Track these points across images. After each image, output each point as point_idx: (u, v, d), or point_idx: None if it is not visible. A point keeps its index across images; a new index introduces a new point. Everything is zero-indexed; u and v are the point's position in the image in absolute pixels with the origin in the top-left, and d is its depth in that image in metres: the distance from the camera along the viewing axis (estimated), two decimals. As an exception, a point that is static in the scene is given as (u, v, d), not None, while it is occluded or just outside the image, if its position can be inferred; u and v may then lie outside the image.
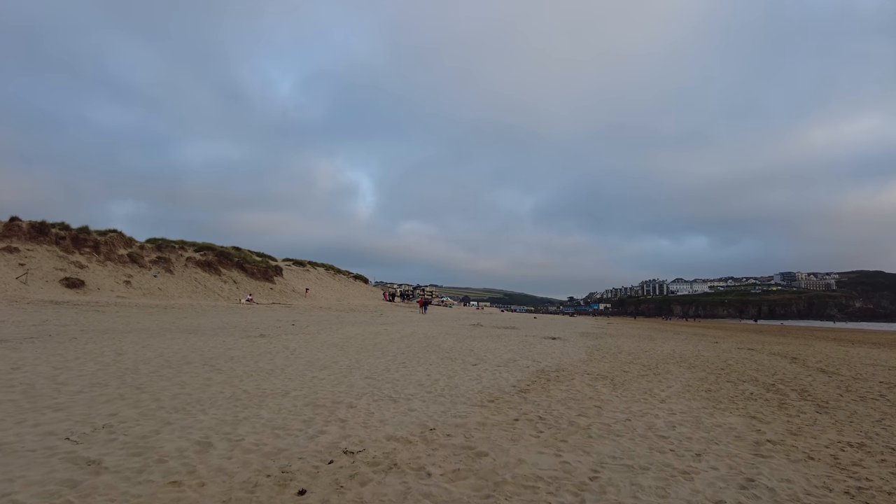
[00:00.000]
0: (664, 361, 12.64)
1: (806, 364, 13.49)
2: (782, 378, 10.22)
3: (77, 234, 31.72)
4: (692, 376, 9.99)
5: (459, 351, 12.50)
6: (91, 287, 29.40)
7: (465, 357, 11.22)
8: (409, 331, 18.61)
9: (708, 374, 10.51)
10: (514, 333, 20.80)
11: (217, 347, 10.52)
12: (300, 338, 13.60)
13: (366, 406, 5.86)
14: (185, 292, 34.15)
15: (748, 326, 61.02)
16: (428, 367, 9.35)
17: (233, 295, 36.90)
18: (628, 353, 14.62)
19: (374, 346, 12.45)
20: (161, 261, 35.53)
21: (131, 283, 31.84)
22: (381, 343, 13.43)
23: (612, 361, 11.97)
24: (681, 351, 16.12)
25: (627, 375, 9.61)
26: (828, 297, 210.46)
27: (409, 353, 11.30)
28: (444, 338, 16.31)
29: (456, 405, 6.16)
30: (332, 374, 7.94)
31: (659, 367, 11.49)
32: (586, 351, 14.53)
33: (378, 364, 9.34)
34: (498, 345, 14.88)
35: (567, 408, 6.33)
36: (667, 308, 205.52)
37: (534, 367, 10.07)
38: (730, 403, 7.21)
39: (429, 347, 12.92)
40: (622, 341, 19.73)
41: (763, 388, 8.75)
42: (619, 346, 16.76)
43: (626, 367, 10.92)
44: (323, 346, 12.00)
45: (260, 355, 9.62)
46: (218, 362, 8.46)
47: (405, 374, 8.36)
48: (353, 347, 11.99)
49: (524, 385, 7.88)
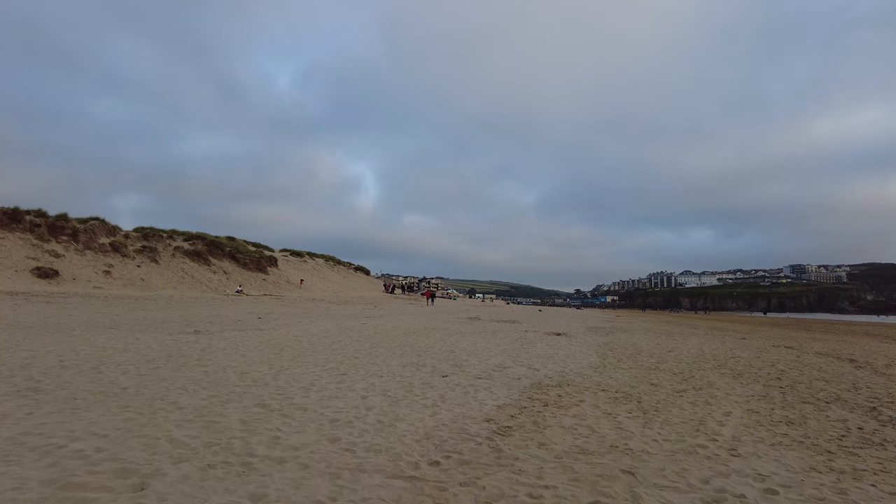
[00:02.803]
0: (697, 366, 9.65)
1: (876, 369, 10.39)
2: (875, 395, 7.18)
3: (54, 222, 29.35)
4: (746, 392, 7.01)
5: (436, 353, 9.62)
6: (66, 277, 27.04)
7: (440, 362, 8.33)
8: (390, 325, 15.78)
9: (766, 387, 7.50)
10: (513, 328, 17.88)
11: (109, 349, 7.77)
12: (245, 335, 10.84)
13: (166, 488, 2.99)
14: (169, 283, 31.72)
15: (766, 320, 57.41)
16: (375, 380, 6.48)
17: (221, 286, 34.44)
18: (648, 353, 11.64)
19: (329, 346, 9.62)
20: (146, 250, 33.13)
21: (111, 274, 29.45)
22: (343, 342, 10.60)
23: (631, 367, 9.01)
24: (710, 350, 13.08)
25: (658, 392, 6.66)
26: (839, 289, 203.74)
27: (364, 357, 8.44)
28: (427, 334, 13.44)
29: (358, 481, 3.24)
30: (204, 399, 5.11)
31: (694, 374, 8.52)
32: (597, 351, 11.57)
33: (304, 376, 6.49)
34: (490, 343, 11.99)
35: (573, 477, 3.42)
36: (675, 301, 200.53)
37: (527, 380, 7.15)
38: (849, 457, 4.21)
39: (399, 347, 10.06)
40: (637, 337, 16.71)
41: (870, 417, 5.73)
42: (635, 344, 13.76)
43: (653, 377, 7.96)
44: (261, 346, 9.19)
45: (153, 361, 6.85)
46: (58, 375, 5.69)
47: (327, 395, 5.49)
48: (299, 348, 9.16)
49: (507, 416, 4.97)
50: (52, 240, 28.70)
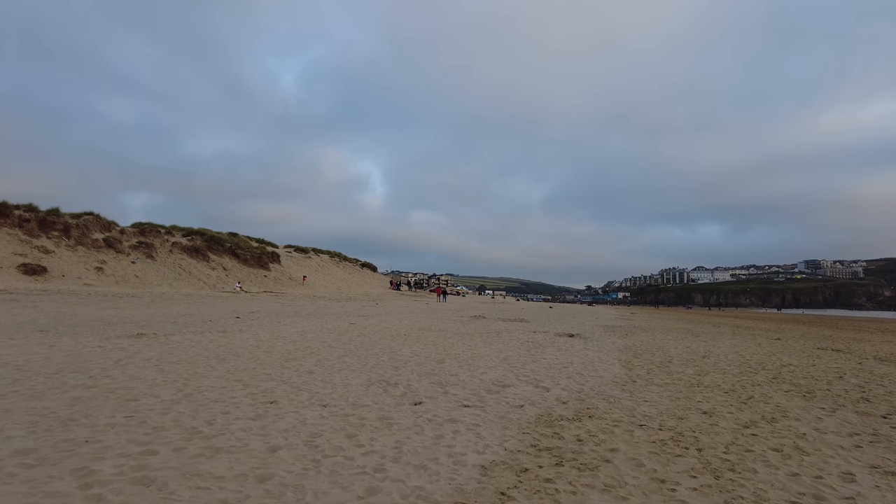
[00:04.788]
0: (747, 379, 7.51)
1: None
2: None
3: (45, 217, 27.99)
4: (840, 426, 4.89)
5: (420, 363, 7.62)
6: (54, 274, 25.63)
7: (419, 379, 6.33)
8: (381, 326, 13.83)
9: (861, 416, 5.35)
10: (520, 329, 15.81)
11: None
12: (199, 338, 8.96)
13: None
14: (165, 280, 30.23)
15: (791, 317, 54.31)
16: (310, 414, 4.47)
17: (220, 283, 32.88)
18: (680, 359, 9.50)
19: (287, 355, 7.67)
20: (143, 246, 31.68)
21: (104, 270, 28.01)
22: (311, 348, 8.65)
23: (666, 381, 6.92)
24: (749, 354, 10.88)
25: (719, 430, 4.57)
26: (855, 285, 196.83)
27: (322, 372, 6.47)
28: (418, 337, 11.46)
29: None
30: (17, 458, 3.19)
31: (751, 392, 6.40)
32: (619, 358, 9.47)
33: (214, 405, 4.51)
34: (490, 348, 9.96)
35: None
36: (687, 297, 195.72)
37: (533, 407, 5.11)
38: None
39: (376, 355, 8.09)
40: (660, 338, 14.53)
41: None
42: (661, 348, 11.61)
43: (698, 397, 5.87)
44: (201, 355, 7.28)
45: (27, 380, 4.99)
46: None
47: (213, 447, 3.49)
48: (248, 357, 7.23)
49: (495, 495, 2.97)
50: (43, 235, 27.34)
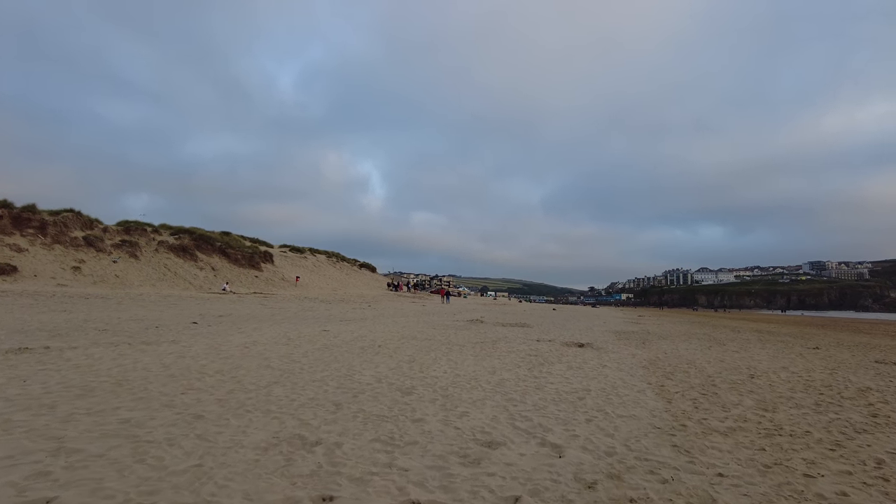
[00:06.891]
0: (842, 420, 5.24)
1: None
2: None
3: (20, 213, 26.10)
4: None
5: (378, 396, 5.42)
6: (25, 274, 23.68)
7: (365, 428, 4.14)
8: (357, 334, 11.64)
9: None
10: (521, 336, 13.57)
11: None
12: (109, 351, 6.82)
13: None
14: (148, 280, 28.23)
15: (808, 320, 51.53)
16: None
17: (207, 283, 30.86)
18: (725, 382, 7.24)
19: (187, 386, 5.51)
20: (126, 244, 29.73)
21: (81, 270, 26.04)
22: (244, 367, 6.47)
23: (731, 429, 4.67)
24: (804, 372, 8.57)
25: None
26: (861, 286, 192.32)
27: (221, 413, 4.30)
28: (396, 349, 9.26)
29: None
30: None
31: (858, 443, 4.17)
32: (649, 381, 7.21)
33: None
34: (481, 367, 7.74)
35: None
36: (691, 298, 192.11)
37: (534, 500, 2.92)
38: None
39: (325, 381, 5.88)
40: (682, 348, 12.23)
41: None
42: (693, 363, 9.33)
43: (799, 460, 3.63)
44: (74, 383, 5.15)
45: None
46: None
47: None
48: (139, 388, 5.07)
49: None
50: (16, 233, 25.43)
